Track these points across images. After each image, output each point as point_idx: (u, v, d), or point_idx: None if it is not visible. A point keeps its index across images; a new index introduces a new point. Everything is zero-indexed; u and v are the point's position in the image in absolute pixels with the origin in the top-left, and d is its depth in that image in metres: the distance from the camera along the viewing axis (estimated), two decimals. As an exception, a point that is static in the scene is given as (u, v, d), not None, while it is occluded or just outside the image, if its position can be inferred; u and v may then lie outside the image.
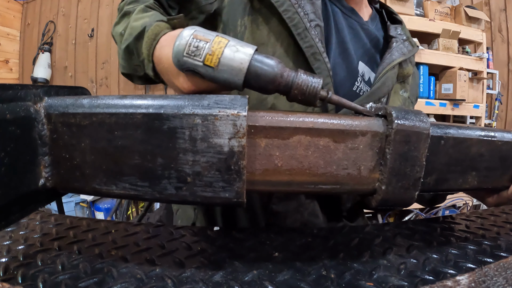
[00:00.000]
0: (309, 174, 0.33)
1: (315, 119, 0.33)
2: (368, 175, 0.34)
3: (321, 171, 0.33)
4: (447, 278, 0.33)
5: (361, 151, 0.33)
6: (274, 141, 0.32)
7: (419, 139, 0.33)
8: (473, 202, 2.34)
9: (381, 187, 0.34)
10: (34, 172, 0.31)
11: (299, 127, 0.32)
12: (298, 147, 0.32)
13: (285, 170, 0.33)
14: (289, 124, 0.32)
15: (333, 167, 0.33)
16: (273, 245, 0.42)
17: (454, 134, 0.37)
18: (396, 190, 0.34)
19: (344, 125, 0.33)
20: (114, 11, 2.92)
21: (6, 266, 0.35)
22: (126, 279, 0.33)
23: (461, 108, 2.32)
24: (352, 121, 0.33)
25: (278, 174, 0.33)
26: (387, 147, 0.33)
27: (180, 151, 0.30)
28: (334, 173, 0.33)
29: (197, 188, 0.31)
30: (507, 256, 0.38)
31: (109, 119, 0.30)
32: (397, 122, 0.32)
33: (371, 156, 0.33)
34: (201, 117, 0.29)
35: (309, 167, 0.33)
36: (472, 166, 0.39)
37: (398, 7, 2.23)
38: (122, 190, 0.31)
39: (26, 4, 3.16)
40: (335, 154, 0.33)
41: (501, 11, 2.79)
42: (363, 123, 0.33)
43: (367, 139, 0.33)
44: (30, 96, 0.31)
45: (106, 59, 2.97)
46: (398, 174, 0.33)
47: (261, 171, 0.32)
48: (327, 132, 0.32)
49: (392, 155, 0.33)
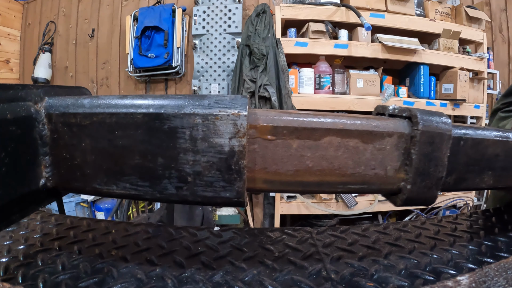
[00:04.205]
0: (339, 174, 0.33)
1: (345, 121, 0.33)
2: (393, 175, 0.35)
3: (350, 171, 0.33)
4: (447, 279, 0.33)
5: (388, 152, 0.34)
6: (306, 142, 0.32)
7: (442, 140, 0.33)
8: (473, 202, 2.34)
9: (406, 186, 0.34)
10: (35, 172, 0.31)
11: (330, 128, 0.32)
12: (329, 148, 0.33)
13: (316, 170, 0.33)
14: (321, 125, 0.32)
15: (361, 167, 0.34)
16: (273, 245, 0.42)
17: (472, 135, 0.37)
18: (420, 190, 0.35)
19: (373, 126, 0.33)
20: (115, 11, 2.94)
21: (6, 266, 0.35)
22: (126, 279, 0.33)
23: (462, 108, 2.32)
24: (380, 123, 0.34)
25: (309, 175, 0.33)
26: (412, 148, 0.33)
27: (181, 151, 0.30)
28: (362, 173, 0.34)
29: (198, 188, 0.31)
30: (507, 257, 0.38)
31: (110, 119, 0.30)
32: (423, 123, 0.33)
33: (397, 156, 0.34)
34: (201, 117, 0.29)
35: (339, 167, 0.33)
36: (489, 166, 0.40)
37: (399, 7, 2.22)
38: (123, 190, 0.31)
39: (26, 4, 3.17)
40: (364, 155, 0.33)
41: (501, 11, 2.79)
42: (390, 125, 0.34)
43: (394, 140, 0.34)
44: (30, 96, 0.31)
45: (106, 59, 2.97)
46: (422, 174, 0.34)
47: (292, 172, 0.33)
48: (357, 133, 0.33)
49: (417, 156, 0.33)
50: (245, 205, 0.32)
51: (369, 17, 2.13)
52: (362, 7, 2.15)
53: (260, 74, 2.08)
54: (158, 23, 2.60)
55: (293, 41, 2.16)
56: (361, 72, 2.25)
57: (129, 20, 2.75)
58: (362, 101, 2.16)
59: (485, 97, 2.43)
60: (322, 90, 2.18)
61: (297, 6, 2.16)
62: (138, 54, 2.64)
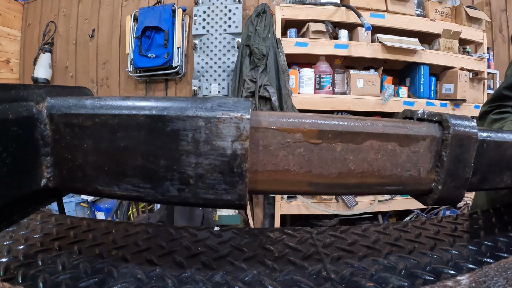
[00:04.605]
0: (378, 176, 0.36)
1: (385, 125, 0.35)
2: (426, 176, 0.37)
3: (388, 173, 0.36)
4: (447, 278, 0.33)
5: (421, 154, 0.36)
6: (349, 145, 0.34)
7: (470, 143, 0.36)
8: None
9: (438, 187, 0.37)
10: (36, 172, 0.31)
11: (371, 132, 0.34)
12: (369, 151, 0.35)
13: (358, 173, 0.35)
14: (363, 129, 0.34)
15: (398, 169, 0.36)
16: (273, 245, 0.42)
17: (494, 138, 0.40)
18: (450, 190, 0.37)
19: (409, 130, 0.36)
20: (115, 12, 2.94)
21: (6, 266, 0.35)
22: (126, 279, 0.33)
23: (462, 108, 2.32)
24: (415, 127, 0.37)
25: (351, 177, 0.35)
26: (444, 150, 0.36)
27: (183, 153, 0.30)
28: (398, 175, 0.36)
29: (200, 190, 0.31)
30: (507, 257, 0.38)
31: (112, 120, 0.30)
32: (453, 127, 0.35)
33: (429, 158, 0.37)
34: (204, 120, 0.29)
35: (378, 169, 0.35)
36: (508, 166, 0.42)
37: (399, 7, 2.23)
38: (124, 191, 0.32)
39: (26, 4, 3.17)
40: (400, 157, 0.36)
41: (501, 11, 2.79)
42: (424, 129, 0.37)
43: (427, 143, 0.36)
44: (32, 96, 0.31)
45: (106, 59, 2.97)
46: (452, 174, 0.36)
47: (335, 174, 0.34)
48: (395, 136, 0.35)
49: (448, 158, 0.36)
50: (246, 208, 0.33)
51: (369, 17, 2.13)
52: (362, 7, 2.15)
53: (260, 74, 2.08)
54: (158, 23, 2.61)
55: (293, 41, 2.16)
56: (361, 72, 2.25)
57: (129, 20, 2.75)
58: (362, 101, 2.16)
59: (485, 97, 2.43)
60: (322, 90, 2.19)
61: (297, 6, 2.16)
62: (138, 54, 2.64)
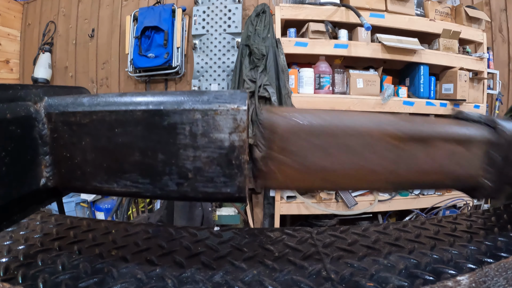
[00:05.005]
0: (440, 173, 0.39)
1: (449, 128, 0.40)
2: (479, 174, 0.40)
3: (446, 170, 0.39)
4: (447, 279, 0.33)
5: (476, 154, 0.40)
6: (418, 145, 0.37)
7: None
8: (473, 202, 2.34)
9: (489, 184, 0.40)
10: (35, 171, 0.31)
11: (438, 135, 0.38)
12: (437, 151, 0.38)
13: (426, 170, 0.38)
14: (431, 131, 0.38)
15: (456, 167, 0.39)
16: (273, 245, 0.42)
17: None
18: (499, 187, 0.41)
19: (467, 131, 0.40)
20: (114, 11, 2.94)
21: (6, 266, 0.35)
22: (126, 279, 0.33)
23: (462, 108, 2.32)
24: (472, 129, 0.41)
25: (422, 174, 0.38)
26: (496, 151, 0.39)
27: (181, 147, 0.30)
28: (456, 172, 0.40)
29: (199, 184, 0.31)
30: (507, 257, 0.38)
31: (109, 116, 0.30)
32: (506, 131, 0.39)
33: (483, 158, 0.40)
34: (201, 112, 0.29)
35: (441, 167, 0.39)
36: None
37: (398, 7, 2.23)
38: (124, 188, 0.31)
39: (26, 4, 3.17)
40: (459, 157, 0.39)
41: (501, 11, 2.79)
42: (480, 131, 0.41)
43: (482, 145, 0.40)
44: (30, 96, 0.31)
45: (106, 59, 2.97)
46: (501, 173, 0.40)
47: (404, 171, 0.37)
48: (457, 137, 0.39)
49: (500, 158, 0.39)
50: (246, 201, 0.32)
51: (369, 17, 2.13)
52: (362, 7, 2.15)
53: (260, 74, 2.08)
54: (158, 23, 2.60)
55: (293, 41, 2.16)
56: (361, 72, 2.25)
57: (129, 20, 2.75)
58: (362, 101, 2.16)
59: (485, 97, 2.43)
60: (322, 90, 2.18)
61: (297, 6, 2.16)
62: (138, 54, 2.64)
